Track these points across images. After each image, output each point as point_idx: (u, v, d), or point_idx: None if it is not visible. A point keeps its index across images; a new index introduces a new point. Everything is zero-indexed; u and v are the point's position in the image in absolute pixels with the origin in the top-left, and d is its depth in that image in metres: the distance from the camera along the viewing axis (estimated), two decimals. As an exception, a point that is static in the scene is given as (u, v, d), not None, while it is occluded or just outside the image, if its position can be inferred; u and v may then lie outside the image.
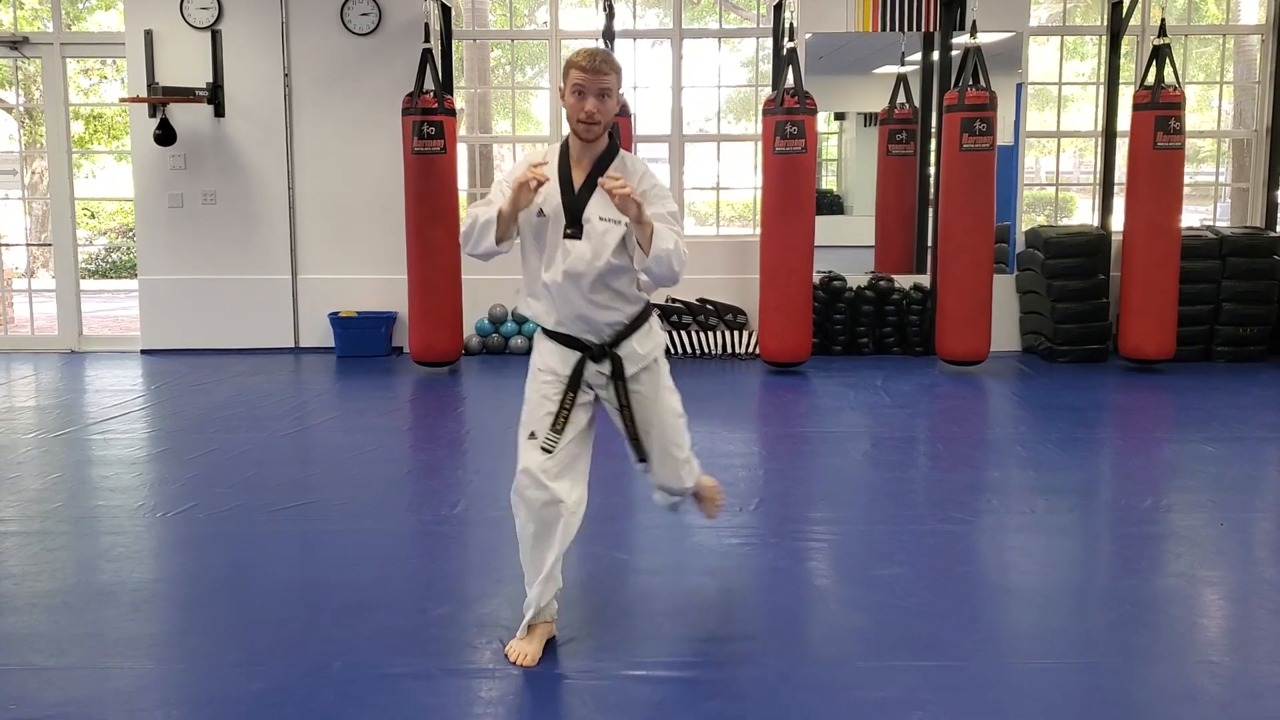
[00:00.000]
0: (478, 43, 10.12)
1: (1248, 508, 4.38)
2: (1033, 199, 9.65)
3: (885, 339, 7.83)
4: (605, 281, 2.87)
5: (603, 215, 2.83)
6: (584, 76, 2.79)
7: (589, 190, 2.85)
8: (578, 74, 2.79)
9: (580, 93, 2.80)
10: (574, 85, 2.80)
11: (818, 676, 2.83)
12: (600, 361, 2.93)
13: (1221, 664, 2.94)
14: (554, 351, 2.95)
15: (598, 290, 2.87)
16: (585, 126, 2.83)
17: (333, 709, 2.63)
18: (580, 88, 2.80)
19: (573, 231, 2.84)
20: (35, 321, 8.68)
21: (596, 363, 2.93)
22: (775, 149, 6.94)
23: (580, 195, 2.86)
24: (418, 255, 7.12)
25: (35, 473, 4.82)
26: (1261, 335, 7.52)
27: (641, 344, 2.97)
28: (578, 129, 2.85)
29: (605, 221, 2.84)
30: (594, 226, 2.84)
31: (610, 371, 2.94)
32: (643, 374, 2.98)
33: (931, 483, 4.78)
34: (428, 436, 5.76)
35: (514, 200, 2.76)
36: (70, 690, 2.74)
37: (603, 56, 2.82)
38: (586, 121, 2.82)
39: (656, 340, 3.04)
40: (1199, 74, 10.14)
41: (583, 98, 2.80)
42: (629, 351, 2.95)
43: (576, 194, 2.86)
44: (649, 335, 3.01)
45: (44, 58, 8.09)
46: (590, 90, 2.79)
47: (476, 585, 3.54)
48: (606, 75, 2.80)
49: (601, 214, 2.84)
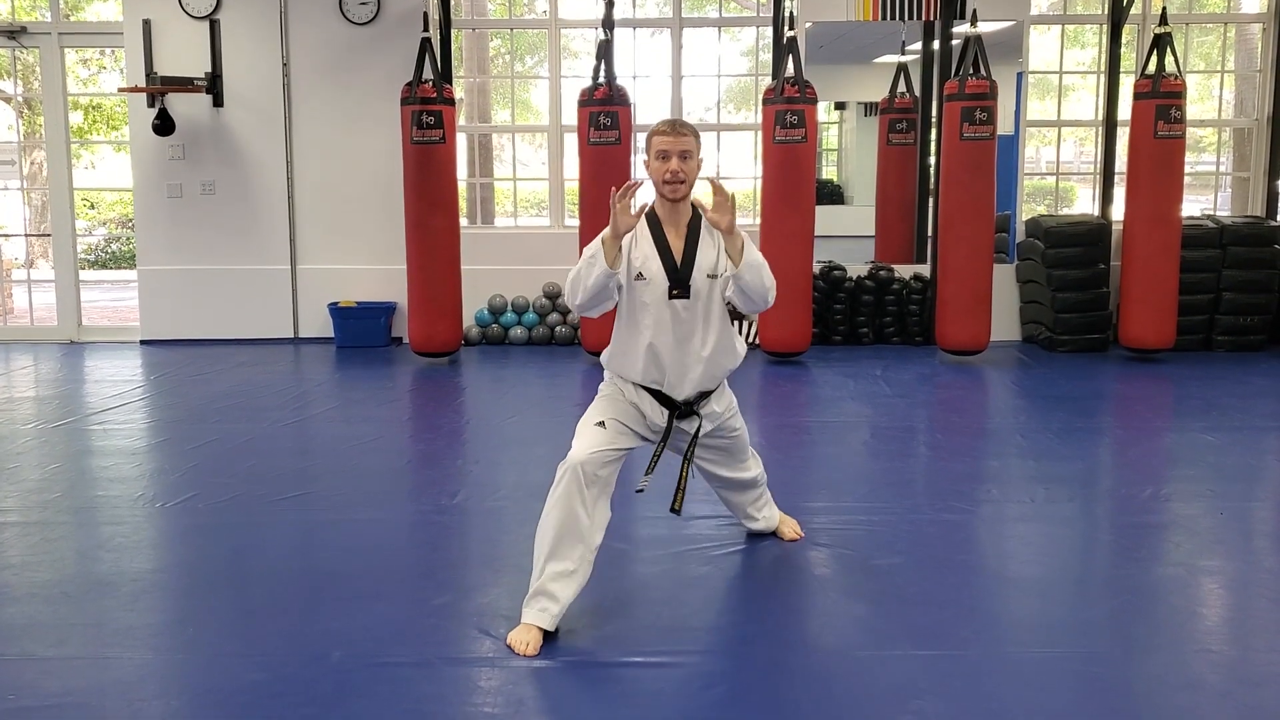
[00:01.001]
0: (477, 32, 10.11)
1: (1247, 497, 4.38)
2: (1033, 188, 9.64)
3: (885, 329, 7.82)
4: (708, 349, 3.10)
5: (709, 273, 3.07)
6: (667, 140, 3.02)
7: (693, 249, 3.07)
8: (660, 139, 3.03)
9: (664, 156, 3.02)
10: (658, 150, 3.03)
11: (817, 665, 2.83)
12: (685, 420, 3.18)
13: (1221, 653, 2.94)
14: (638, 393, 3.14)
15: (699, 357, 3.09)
16: (671, 187, 3.04)
17: (332, 698, 2.63)
18: (664, 151, 3.02)
19: (679, 292, 3.05)
20: (34, 312, 8.68)
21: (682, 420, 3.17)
22: (775, 138, 6.93)
23: (685, 255, 3.06)
24: (417, 245, 7.11)
25: (35, 463, 4.82)
26: (1262, 324, 7.51)
27: (718, 403, 3.25)
28: (664, 190, 3.06)
29: (711, 278, 3.06)
30: (699, 287, 3.06)
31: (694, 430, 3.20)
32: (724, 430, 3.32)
33: (931, 472, 4.78)
34: (427, 427, 5.76)
35: (614, 223, 2.93)
36: (69, 680, 2.74)
37: (682, 123, 3.08)
38: (673, 181, 3.02)
39: (732, 398, 3.33)
40: (1200, 63, 10.12)
41: (666, 159, 3.02)
42: (709, 412, 3.22)
43: (681, 256, 3.06)
44: (724, 393, 3.29)
45: (42, 47, 8.07)
46: (673, 152, 3.01)
47: (476, 575, 3.54)
48: (687, 137, 3.03)
49: (708, 271, 3.07)
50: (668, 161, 3.02)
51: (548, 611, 2.92)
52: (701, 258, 3.07)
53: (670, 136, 3.02)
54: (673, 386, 3.12)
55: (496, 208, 11.20)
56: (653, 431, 3.16)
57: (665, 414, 3.15)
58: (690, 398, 3.15)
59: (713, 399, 3.22)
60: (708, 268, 3.07)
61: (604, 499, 3.02)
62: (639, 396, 3.14)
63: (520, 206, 9.51)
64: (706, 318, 3.10)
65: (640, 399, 3.14)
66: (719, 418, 3.27)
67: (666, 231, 3.09)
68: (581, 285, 3.03)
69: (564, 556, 2.94)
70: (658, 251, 3.06)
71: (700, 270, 3.07)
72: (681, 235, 3.09)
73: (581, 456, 2.97)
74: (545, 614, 2.92)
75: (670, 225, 3.10)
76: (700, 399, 3.18)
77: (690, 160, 3.04)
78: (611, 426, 3.07)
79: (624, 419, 3.11)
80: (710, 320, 3.11)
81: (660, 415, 3.14)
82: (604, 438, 3.03)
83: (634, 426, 3.13)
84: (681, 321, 3.07)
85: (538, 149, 10.95)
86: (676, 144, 3.01)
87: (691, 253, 3.07)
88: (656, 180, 3.06)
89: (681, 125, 3.06)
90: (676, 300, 3.05)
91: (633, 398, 3.14)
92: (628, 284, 3.09)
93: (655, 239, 3.08)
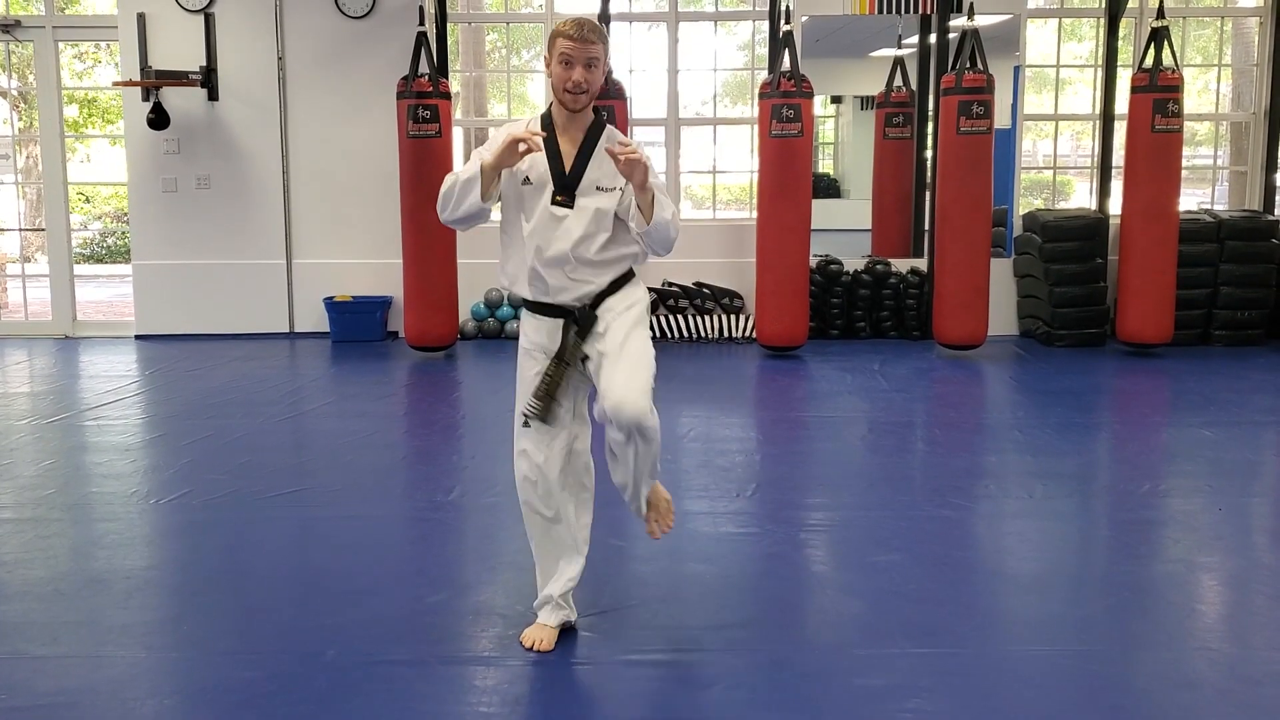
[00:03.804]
0: (473, 26, 10.06)
1: (1245, 492, 4.37)
2: (1030, 182, 9.61)
3: (882, 323, 7.81)
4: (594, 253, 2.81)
5: (601, 185, 2.79)
6: (571, 45, 2.74)
7: (584, 159, 2.80)
8: (565, 42, 2.74)
9: (568, 62, 2.74)
10: (561, 54, 2.75)
11: (815, 663, 2.82)
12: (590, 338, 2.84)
13: (1220, 650, 2.93)
14: (538, 326, 2.89)
15: (584, 261, 2.81)
16: (572, 96, 2.77)
17: (327, 696, 2.62)
18: (568, 57, 2.74)
19: (562, 199, 2.79)
20: (29, 307, 8.64)
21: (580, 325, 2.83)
22: (772, 132, 6.91)
23: (576, 164, 2.81)
24: (413, 239, 7.09)
25: (29, 459, 4.80)
26: (1259, 319, 7.50)
27: (622, 300, 2.86)
28: (564, 99, 2.79)
29: (602, 191, 2.80)
30: (588, 197, 2.79)
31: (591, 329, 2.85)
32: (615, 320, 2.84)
33: (929, 468, 4.77)
34: (423, 422, 5.74)
35: (499, 155, 2.69)
36: (63, 679, 2.72)
37: (590, 25, 2.77)
38: (574, 91, 2.76)
39: (638, 294, 2.91)
40: (1197, 56, 10.08)
41: (570, 66, 2.74)
42: (606, 307, 2.85)
43: (571, 164, 2.80)
44: (630, 291, 2.90)
45: (36, 41, 8.02)
46: (578, 59, 2.74)
47: (472, 572, 3.52)
48: (594, 44, 2.75)
49: (600, 183, 2.79)
50: (571, 69, 2.74)
51: (558, 613, 2.91)
52: (595, 168, 2.80)
53: (576, 42, 2.73)
54: (556, 295, 2.83)
55: (493, 202, 11.18)
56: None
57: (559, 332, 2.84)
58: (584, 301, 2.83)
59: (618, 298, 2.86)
60: (601, 179, 2.80)
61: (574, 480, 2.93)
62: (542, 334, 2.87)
63: (516, 201, 9.44)
64: (595, 230, 2.80)
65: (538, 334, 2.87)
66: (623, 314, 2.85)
67: (560, 138, 2.82)
68: (453, 204, 2.84)
69: (550, 560, 2.93)
70: (548, 155, 2.80)
71: (591, 180, 2.80)
72: (576, 144, 2.82)
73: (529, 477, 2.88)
74: (555, 615, 2.91)
75: (565, 132, 2.83)
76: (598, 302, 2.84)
77: (596, 69, 2.77)
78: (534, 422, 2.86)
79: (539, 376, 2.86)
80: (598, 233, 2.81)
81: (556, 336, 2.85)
82: (535, 442, 2.87)
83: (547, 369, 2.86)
84: (563, 230, 2.79)
85: (534, 143, 10.91)
86: (583, 51, 2.73)
87: (584, 161, 2.81)
88: (557, 87, 2.78)
89: (590, 29, 2.76)
90: (557, 208, 2.79)
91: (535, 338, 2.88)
92: (513, 187, 2.85)
93: (547, 143, 2.79)
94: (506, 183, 2.82)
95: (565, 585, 2.92)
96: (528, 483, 2.90)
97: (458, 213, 2.83)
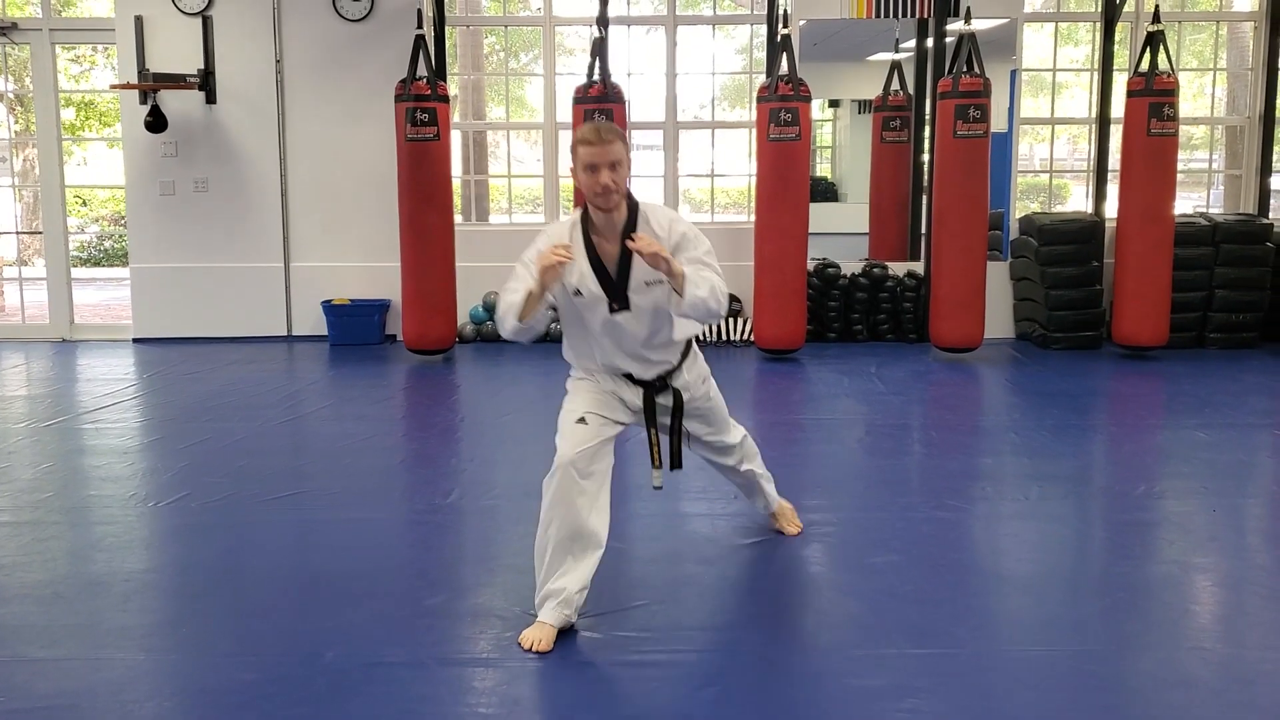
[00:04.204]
0: (471, 29, 10.08)
1: (1240, 494, 4.39)
2: (1026, 186, 9.63)
3: (879, 326, 7.83)
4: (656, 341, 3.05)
5: (648, 280, 2.95)
6: (592, 151, 2.84)
7: (627, 260, 2.94)
8: (586, 150, 2.85)
9: (593, 168, 2.85)
10: (585, 163, 2.86)
11: (812, 664, 2.83)
12: (662, 394, 3.14)
13: (1214, 650, 2.95)
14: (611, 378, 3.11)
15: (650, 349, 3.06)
16: (604, 199, 2.89)
17: (326, 698, 2.63)
18: (592, 164, 2.84)
19: (618, 306, 2.96)
20: (26, 310, 8.64)
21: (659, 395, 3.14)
22: (769, 136, 6.92)
23: (620, 268, 2.96)
24: (411, 242, 7.09)
25: (26, 462, 4.80)
26: (1254, 322, 7.53)
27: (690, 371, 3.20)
28: (596, 202, 2.91)
29: (650, 285, 2.95)
30: (640, 295, 2.97)
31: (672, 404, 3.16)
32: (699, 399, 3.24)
33: (925, 470, 4.79)
34: (421, 425, 5.75)
35: (541, 283, 2.85)
36: (61, 681, 2.73)
37: (607, 128, 2.89)
38: (604, 194, 2.87)
39: (703, 367, 3.29)
40: (1192, 61, 10.12)
41: (595, 172, 2.85)
42: (682, 383, 3.17)
43: (615, 268, 2.96)
44: (695, 363, 3.24)
45: (33, 44, 8.03)
46: (602, 164, 2.84)
47: (470, 574, 3.53)
48: (614, 144, 2.85)
49: (647, 278, 2.94)
50: (597, 174, 2.84)
51: (560, 611, 2.91)
52: (638, 266, 2.93)
53: (597, 147, 2.84)
54: (635, 372, 3.10)
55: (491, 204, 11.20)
56: (634, 412, 3.12)
57: (640, 392, 3.11)
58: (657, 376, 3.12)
59: (684, 369, 3.18)
60: (645, 275, 2.94)
61: (604, 492, 2.99)
62: (613, 382, 3.11)
63: (515, 203, 9.49)
64: (652, 320, 3.01)
65: (616, 384, 3.10)
66: (695, 387, 3.22)
67: (599, 243, 2.96)
68: (505, 323, 2.97)
69: (570, 553, 2.93)
70: (592, 267, 2.96)
71: (637, 279, 2.95)
72: (616, 243, 2.95)
73: (570, 455, 2.93)
74: (557, 613, 2.91)
75: (603, 234, 2.97)
76: (670, 374, 3.15)
77: (620, 168, 2.87)
78: (592, 420, 3.01)
79: (602, 409, 3.05)
80: (655, 321, 3.02)
81: (636, 395, 3.11)
82: (587, 433, 2.99)
83: (613, 415, 3.07)
84: (625, 329, 3.01)
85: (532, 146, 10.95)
86: (605, 154, 2.84)
87: (627, 263, 2.94)
88: (587, 193, 2.90)
89: (607, 132, 2.87)
90: (616, 315, 2.99)
91: (606, 384, 3.11)
92: (566, 298, 3.00)
93: (589, 252, 2.96)
94: (559, 293, 2.99)
95: (583, 580, 2.94)
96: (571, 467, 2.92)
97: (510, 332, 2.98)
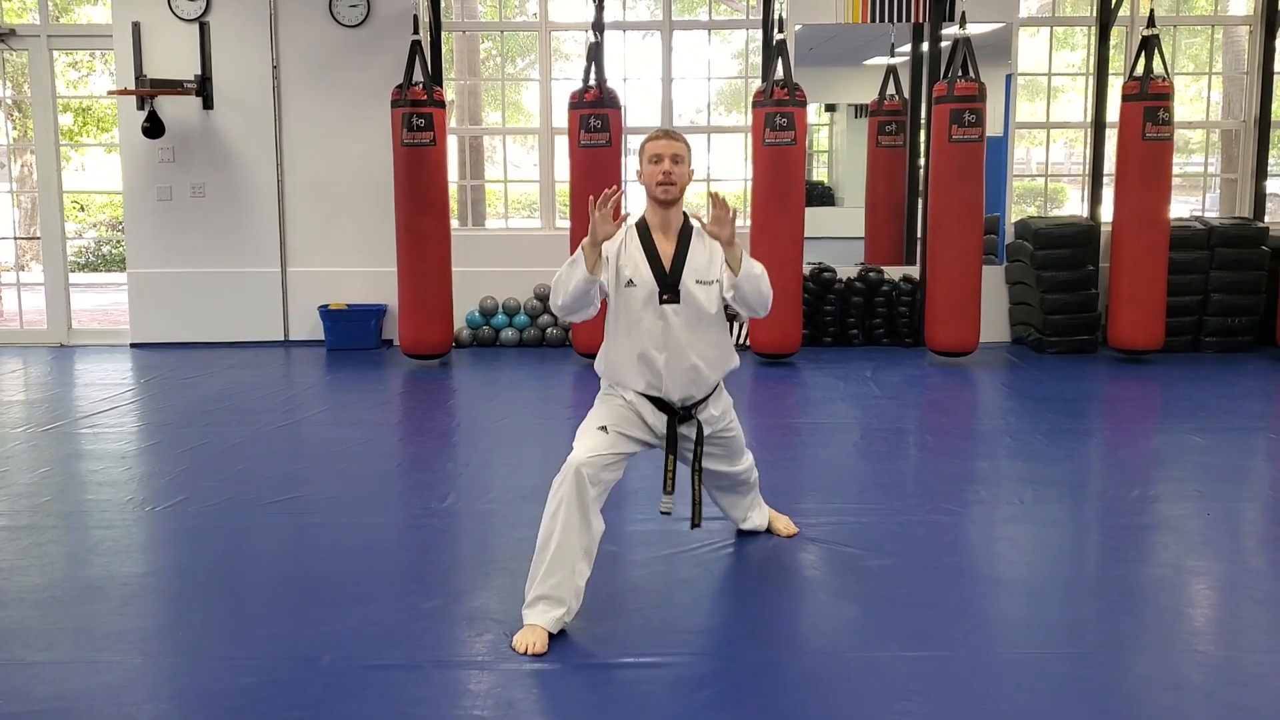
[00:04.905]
0: (467, 34, 10.09)
1: (1235, 497, 4.40)
2: (1022, 190, 9.66)
3: (875, 330, 7.84)
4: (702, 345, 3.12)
5: (700, 278, 3.10)
6: (660, 144, 3.11)
7: (682, 255, 3.10)
8: (653, 144, 3.12)
9: (657, 158, 3.10)
10: (651, 155, 3.11)
11: (806, 667, 2.84)
12: (685, 424, 3.21)
13: (1208, 653, 2.96)
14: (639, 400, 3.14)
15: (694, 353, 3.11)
16: (664, 188, 3.08)
17: (323, 701, 2.63)
18: (658, 154, 3.10)
19: (669, 297, 3.08)
20: (24, 315, 8.64)
21: (682, 424, 3.20)
22: (765, 141, 6.94)
23: (675, 261, 3.10)
24: (408, 247, 7.10)
25: (24, 467, 4.81)
26: (1249, 326, 7.54)
27: (716, 407, 3.27)
28: (656, 192, 3.10)
29: (702, 284, 3.10)
30: (690, 292, 3.09)
31: (695, 435, 3.22)
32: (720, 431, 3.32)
33: (921, 473, 4.80)
34: (418, 429, 5.75)
35: (594, 230, 2.98)
36: (59, 685, 2.74)
37: (676, 131, 3.20)
38: (665, 183, 3.08)
39: (727, 400, 3.35)
40: (1188, 65, 10.16)
41: (659, 161, 3.10)
42: (707, 416, 3.24)
43: (670, 262, 3.09)
44: (720, 397, 3.31)
45: (31, 50, 8.04)
46: (666, 154, 3.09)
47: (466, 578, 3.54)
48: (679, 143, 3.12)
49: (699, 276, 3.10)
50: (660, 164, 3.08)
51: (551, 613, 2.93)
52: (692, 263, 3.10)
53: (664, 140, 3.11)
54: (668, 392, 3.14)
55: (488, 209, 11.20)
56: (656, 437, 3.18)
57: (665, 419, 3.16)
58: (687, 403, 3.17)
59: (710, 403, 3.25)
60: (699, 273, 3.10)
61: (600, 503, 3.03)
62: (639, 403, 3.15)
63: (511, 208, 9.51)
64: (698, 324, 3.12)
65: (640, 405, 3.15)
66: (717, 421, 3.30)
67: (656, 238, 3.13)
68: (563, 289, 3.08)
69: (566, 559, 2.95)
70: (647, 258, 3.10)
71: (691, 275, 3.09)
72: (672, 241, 3.13)
73: (583, 458, 2.98)
74: (548, 615, 2.92)
75: (660, 231, 3.14)
76: (698, 404, 3.21)
77: (682, 164, 3.11)
78: (613, 432, 3.08)
79: (625, 426, 3.12)
80: (703, 326, 3.13)
81: (660, 421, 3.16)
82: (605, 442, 3.05)
83: (635, 433, 3.14)
84: (673, 328, 3.09)
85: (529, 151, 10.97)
86: (669, 148, 3.10)
87: (681, 258, 3.10)
88: (649, 183, 3.11)
89: (674, 132, 3.17)
90: (667, 305, 3.08)
91: (633, 403, 3.15)
92: (617, 290, 3.11)
93: (645, 246, 3.11)
94: (611, 284, 3.10)
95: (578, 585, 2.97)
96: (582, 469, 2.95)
97: (569, 292, 3.07)
